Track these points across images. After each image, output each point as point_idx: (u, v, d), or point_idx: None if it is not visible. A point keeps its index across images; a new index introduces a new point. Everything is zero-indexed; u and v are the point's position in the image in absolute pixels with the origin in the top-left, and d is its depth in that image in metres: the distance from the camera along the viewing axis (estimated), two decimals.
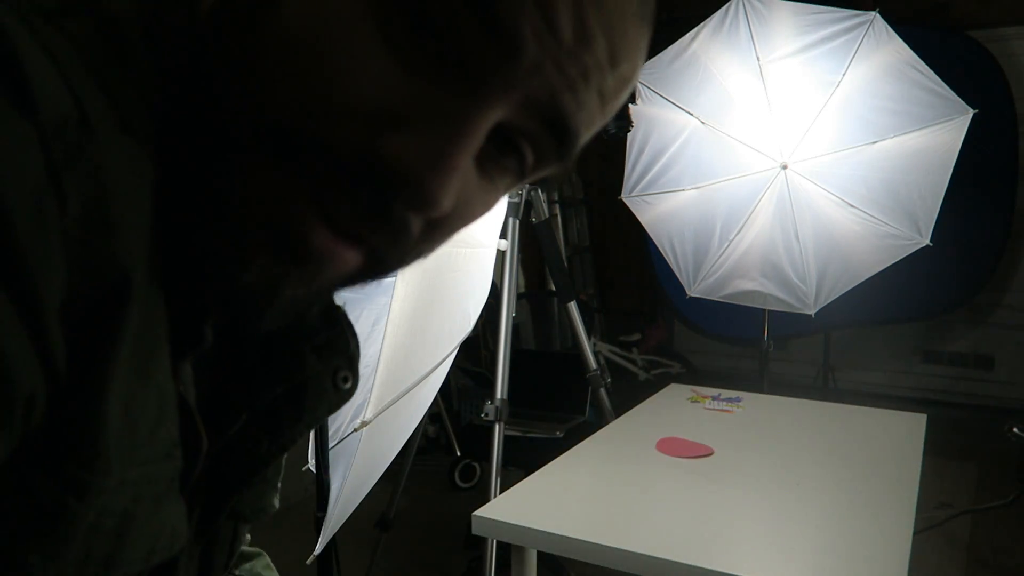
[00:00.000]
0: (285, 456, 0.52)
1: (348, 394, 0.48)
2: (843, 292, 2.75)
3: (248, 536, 0.60)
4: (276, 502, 0.54)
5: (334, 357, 0.48)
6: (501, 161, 0.39)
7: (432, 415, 3.69)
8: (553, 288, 3.12)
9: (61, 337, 0.29)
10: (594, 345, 4.42)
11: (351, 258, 0.37)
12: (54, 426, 0.30)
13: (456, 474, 3.53)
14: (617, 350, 4.89)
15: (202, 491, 0.44)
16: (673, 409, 2.19)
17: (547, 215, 2.42)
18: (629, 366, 4.85)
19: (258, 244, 0.35)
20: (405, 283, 1.64)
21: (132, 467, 0.33)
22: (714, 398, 2.29)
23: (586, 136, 0.40)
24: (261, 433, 0.45)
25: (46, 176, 0.28)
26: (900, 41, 2.60)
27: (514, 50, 0.35)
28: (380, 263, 0.39)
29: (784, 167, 2.76)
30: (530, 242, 3.01)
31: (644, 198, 2.89)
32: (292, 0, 0.34)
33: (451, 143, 0.35)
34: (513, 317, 2.24)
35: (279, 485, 0.54)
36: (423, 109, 0.35)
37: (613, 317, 5.34)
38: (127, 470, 0.33)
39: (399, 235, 0.37)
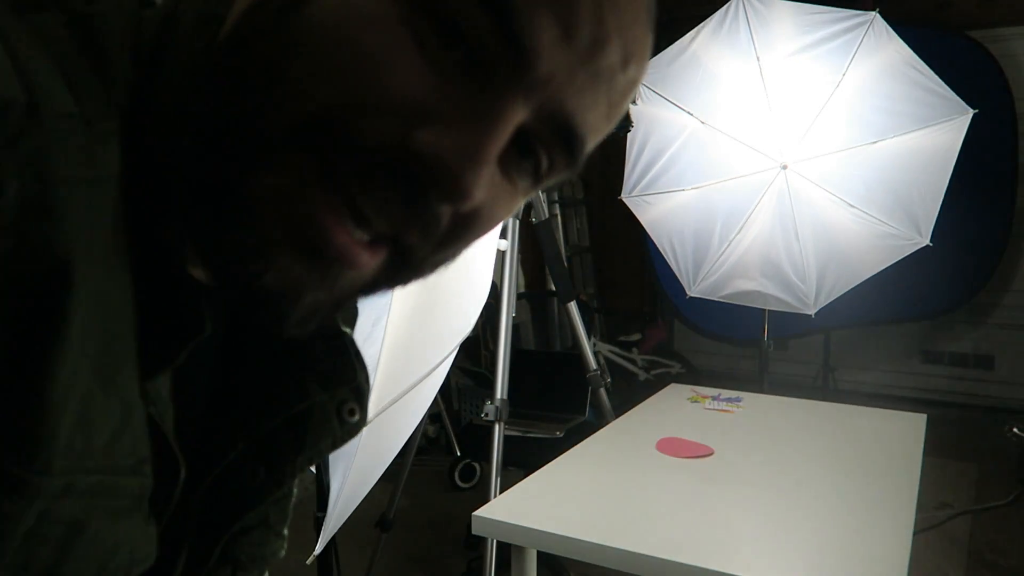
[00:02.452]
0: (293, 500, 0.50)
1: (355, 428, 0.47)
2: (843, 292, 2.75)
3: None
4: (282, 551, 0.51)
5: (340, 388, 0.46)
6: (521, 164, 0.40)
7: (432, 415, 3.69)
8: (553, 288, 3.12)
9: None
10: (594, 345, 4.42)
11: (371, 260, 0.37)
12: None
13: (456, 474, 3.53)
14: (617, 350, 4.89)
15: (192, 530, 0.42)
16: (673, 409, 2.19)
17: (547, 215, 2.43)
18: (629, 366, 4.85)
19: (278, 241, 0.35)
20: None
21: (83, 474, 0.32)
22: (714, 398, 2.29)
23: (594, 141, 0.41)
24: (258, 464, 0.44)
25: None
26: (900, 41, 2.59)
27: (530, 61, 0.36)
28: (402, 266, 0.39)
29: (784, 167, 2.76)
30: (530, 242, 3.02)
31: (644, 198, 2.89)
32: (318, 4, 0.34)
33: (482, 137, 0.36)
34: (513, 317, 2.24)
35: (285, 533, 0.50)
36: (454, 106, 0.35)
37: (613, 317, 5.34)
38: (77, 476, 0.31)
39: (428, 229, 0.37)
